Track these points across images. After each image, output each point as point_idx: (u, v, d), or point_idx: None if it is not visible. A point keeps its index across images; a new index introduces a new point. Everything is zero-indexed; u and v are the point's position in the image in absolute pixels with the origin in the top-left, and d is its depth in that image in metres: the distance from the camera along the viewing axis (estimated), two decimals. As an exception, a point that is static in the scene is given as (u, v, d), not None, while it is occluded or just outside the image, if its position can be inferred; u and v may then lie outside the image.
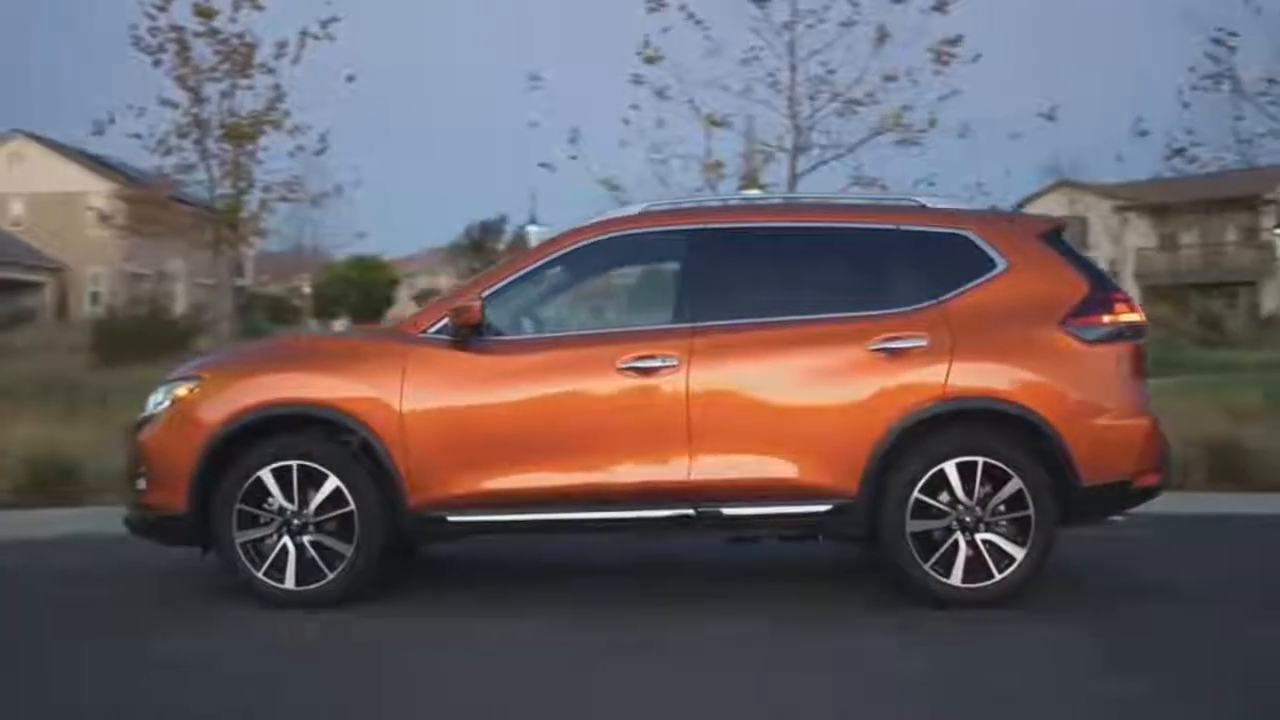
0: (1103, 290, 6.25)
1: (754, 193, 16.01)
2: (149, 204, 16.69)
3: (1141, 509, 6.31)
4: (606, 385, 6.01)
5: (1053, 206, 43.82)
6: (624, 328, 6.24)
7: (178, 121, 14.67)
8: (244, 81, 15.06)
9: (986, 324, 6.08)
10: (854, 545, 6.68)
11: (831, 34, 19.65)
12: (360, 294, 44.30)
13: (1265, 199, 37.52)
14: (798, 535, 6.30)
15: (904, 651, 5.37)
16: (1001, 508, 5.97)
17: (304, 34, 15.03)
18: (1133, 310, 6.24)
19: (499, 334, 6.12)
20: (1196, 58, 15.05)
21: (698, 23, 19.54)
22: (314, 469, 6.00)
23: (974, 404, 6.02)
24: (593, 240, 6.34)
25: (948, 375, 5.99)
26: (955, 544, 5.96)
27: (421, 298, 53.35)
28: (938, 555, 5.96)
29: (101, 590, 6.65)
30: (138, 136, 14.77)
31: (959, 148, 20.21)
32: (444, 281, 54.18)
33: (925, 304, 6.11)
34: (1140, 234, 53.15)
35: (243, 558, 6.01)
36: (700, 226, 6.34)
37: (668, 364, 5.98)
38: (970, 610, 5.86)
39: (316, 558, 5.99)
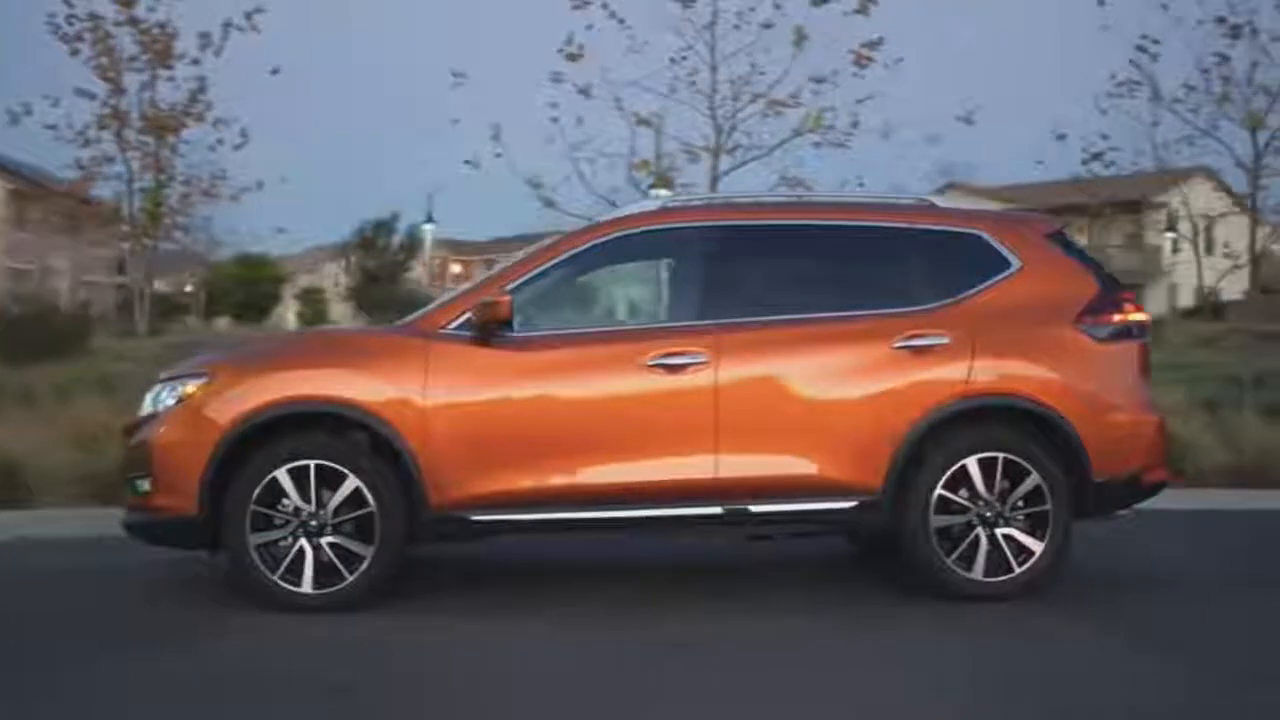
0: (1112, 289, 6.40)
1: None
2: (66, 199, 16.08)
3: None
4: (633, 382, 5.95)
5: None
6: (648, 324, 6.17)
7: (97, 113, 14.17)
8: (164, 72, 14.63)
9: (1004, 322, 6.17)
10: (850, 541, 6.73)
11: (752, 35, 19.87)
12: (246, 292, 43.26)
13: (1153, 202, 38.79)
14: (819, 532, 6.32)
15: (941, 646, 5.42)
16: (1020, 503, 6.06)
17: (227, 25, 14.67)
18: (1138, 310, 6.40)
19: (520, 330, 6.01)
20: (1117, 66, 15.51)
21: (620, 22, 19.59)
22: (332, 468, 5.82)
23: (995, 401, 6.10)
24: (612, 236, 6.27)
25: (969, 372, 6.06)
26: (976, 539, 6.03)
27: (303, 296, 52.38)
28: (960, 550, 6.02)
29: (89, 594, 6.37)
30: (53, 128, 14.24)
31: (883, 149, 20.45)
32: (327, 280, 53.25)
33: (945, 302, 6.18)
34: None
35: (257, 561, 5.81)
36: (723, 223, 6.32)
37: (696, 361, 5.94)
38: (996, 603, 5.95)
39: (335, 560, 5.82)
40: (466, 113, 18.76)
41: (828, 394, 6.03)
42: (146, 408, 6.20)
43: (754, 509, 5.98)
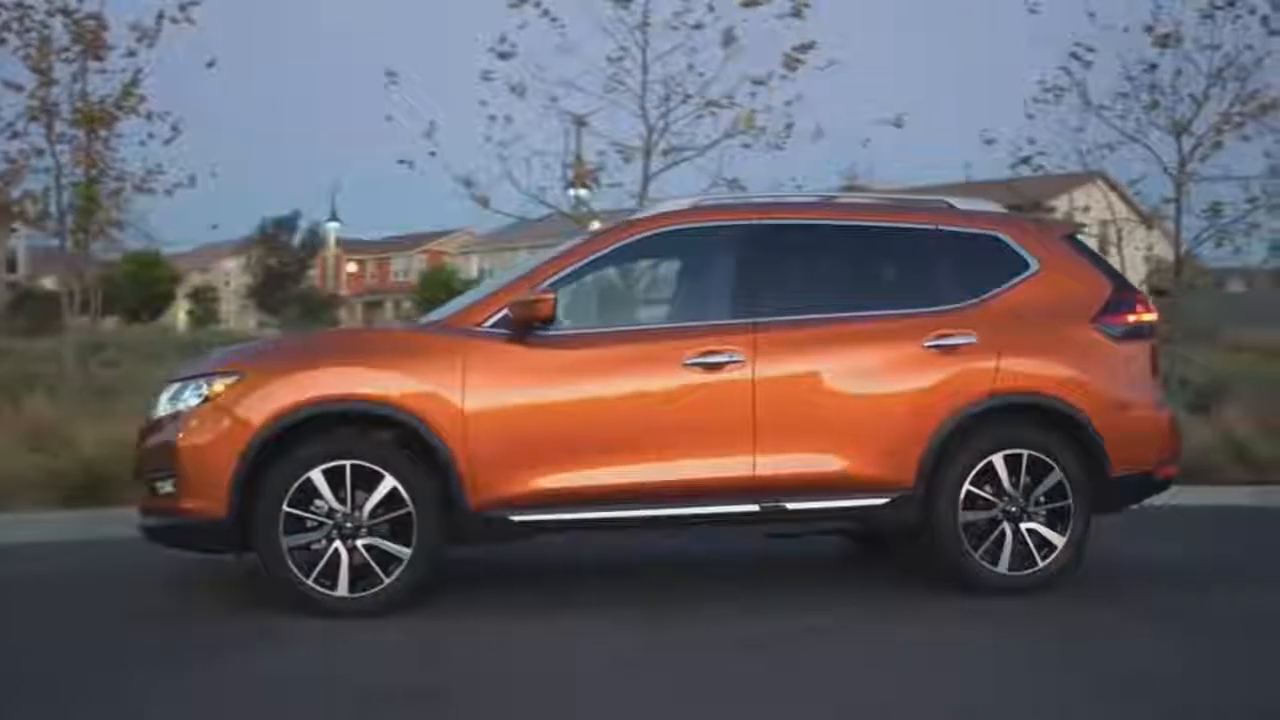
0: (1125, 290, 6.57)
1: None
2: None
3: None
4: (673, 381, 5.95)
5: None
6: (683, 322, 6.16)
7: (27, 104, 13.64)
8: (96, 64, 14.14)
9: (1026, 322, 6.30)
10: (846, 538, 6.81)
11: (682, 36, 19.86)
12: (141, 292, 42.07)
13: (1047, 205, 39.77)
14: (845, 530, 6.39)
15: (973, 639, 5.52)
16: (1042, 498, 6.19)
17: (161, 17, 14.23)
18: (1150, 310, 6.57)
19: (555, 328, 5.95)
20: (1049, 72, 15.84)
21: (553, 20, 19.47)
22: (368, 469, 5.71)
23: (1021, 399, 6.23)
24: (644, 235, 6.26)
25: (996, 371, 6.18)
26: (1002, 533, 6.15)
27: (196, 295, 51.16)
28: (986, 545, 6.13)
29: (116, 600, 6.21)
30: (-23, 120, 13.66)
31: (816, 151, 20.65)
32: (220, 279, 52.13)
33: (970, 302, 6.30)
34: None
35: (291, 565, 5.67)
36: (755, 222, 6.35)
37: (734, 359, 5.96)
38: (1021, 596, 6.08)
39: (372, 562, 5.70)
40: (398, 110, 18.40)
41: (862, 392, 6.11)
42: (162, 408, 6.01)
43: (790, 506, 6.02)
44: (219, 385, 5.78)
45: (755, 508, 5.98)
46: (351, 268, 54.99)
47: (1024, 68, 17.62)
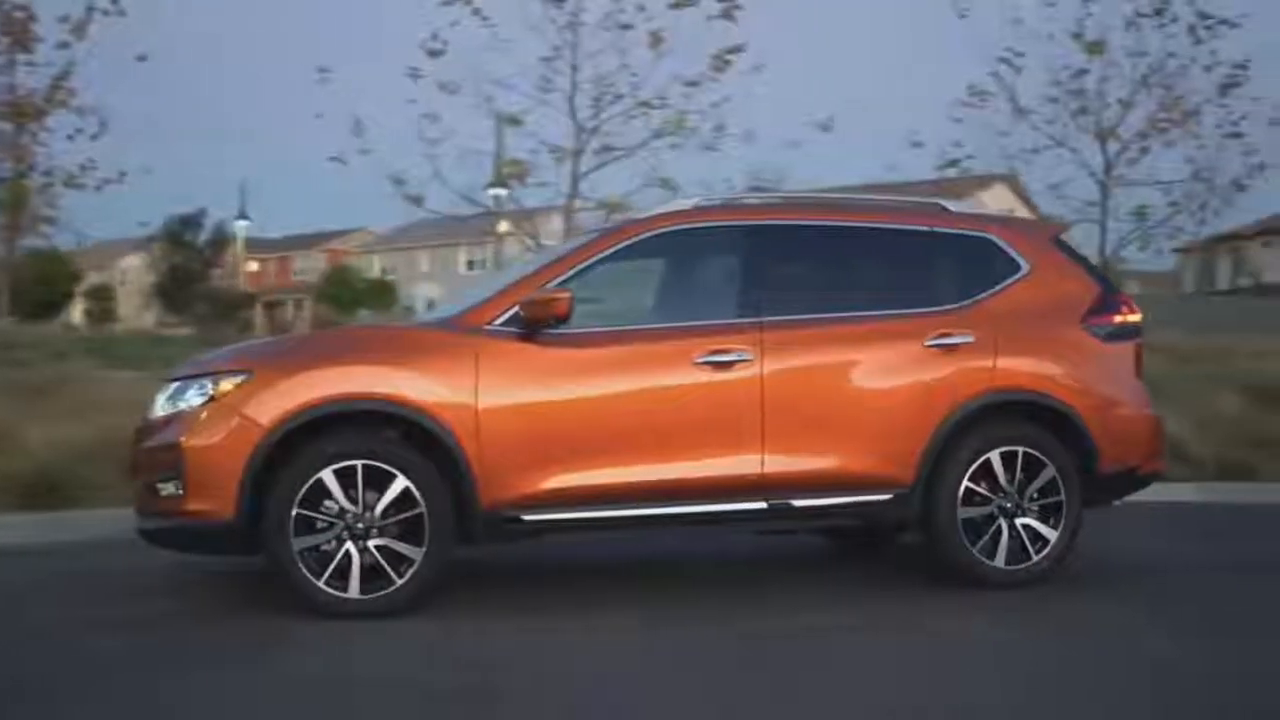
0: (1111, 291, 6.76)
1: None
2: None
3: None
4: (684, 380, 5.98)
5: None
6: (690, 322, 6.19)
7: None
8: (24, 56, 13.79)
9: (1020, 322, 6.45)
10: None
11: (613, 36, 19.87)
12: (39, 289, 40.81)
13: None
14: (852, 525, 6.49)
15: (984, 634, 5.64)
16: (1035, 494, 6.34)
17: (90, 9, 13.91)
18: (1134, 311, 6.76)
19: (565, 327, 5.93)
20: (977, 76, 16.18)
21: (484, 19, 19.35)
22: (380, 469, 5.64)
23: (1017, 397, 6.37)
24: (649, 234, 6.28)
25: (993, 370, 6.32)
26: (999, 529, 6.28)
27: (94, 294, 49.83)
28: (983, 540, 6.25)
29: (110, 603, 6.05)
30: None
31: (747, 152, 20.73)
32: (118, 276, 50.82)
33: (966, 302, 6.42)
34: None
35: (301, 566, 5.58)
36: (757, 222, 6.41)
37: (743, 358, 6.01)
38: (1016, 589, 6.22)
39: (384, 564, 5.64)
40: (329, 107, 18.16)
41: (865, 390, 6.20)
42: (161, 408, 5.88)
43: (796, 503, 6.09)
44: (227, 384, 5.67)
45: (763, 505, 6.04)
46: (252, 266, 54.08)
47: (953, 72, 17.98)
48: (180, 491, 5.63)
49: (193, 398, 5.74)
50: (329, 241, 66.62)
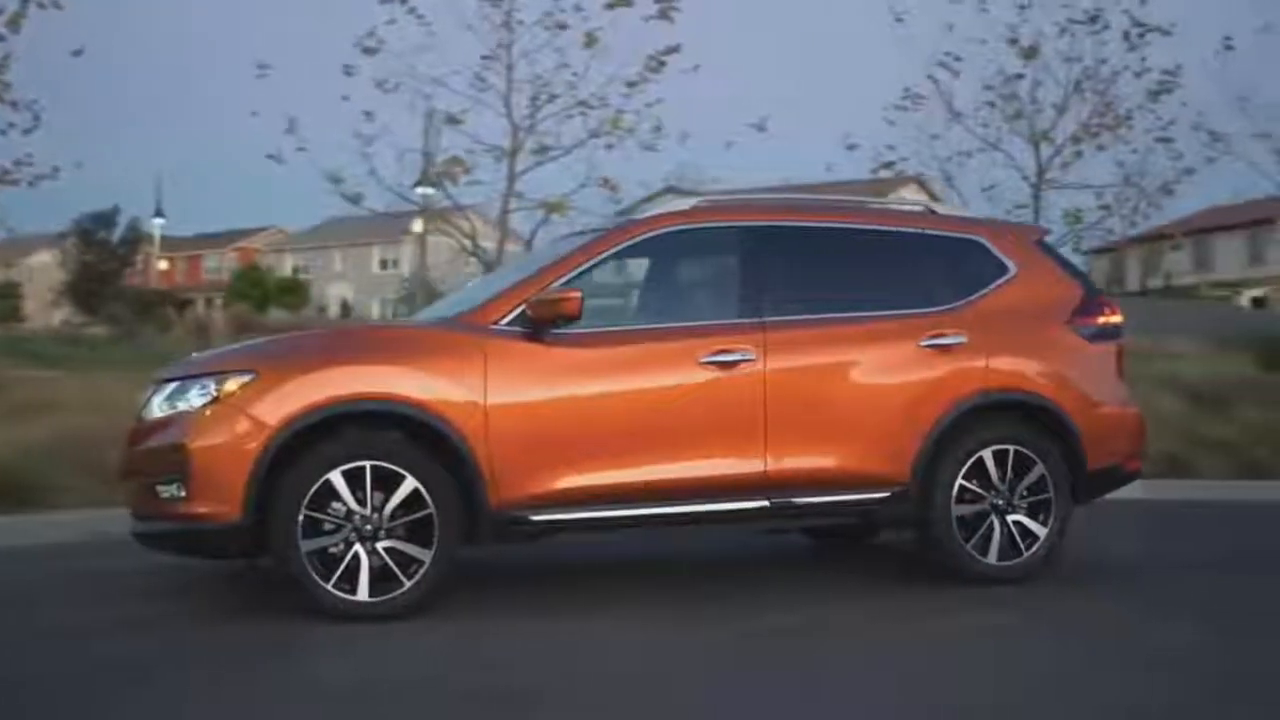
0: (1094, 293, 6.91)
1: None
2: None
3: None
4: (689, 379, 6.01)
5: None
6: (692, 322, 6.21)
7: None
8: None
9: (1011, 323, 6.57)
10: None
11: (548, 35, 19.83)
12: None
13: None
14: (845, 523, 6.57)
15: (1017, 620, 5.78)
16: (1025, 491, 6.46)
17: (25, 0, 13.53)
18: (1116, 312, 6.92)
19: (571, 327, 5.92)
20: (913, 79, 16.42)
21: (419, 17, 19.20)
22: (389, 470, 5.59)
23: (1009, 396, 6.50)
24: (649, 235, 6.28)
25: (985, 370, 6.43)
26: (990, 525, 6.39)
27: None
28: (976, 536, 6.36)
29: (105, 606, 5.94)
30: None
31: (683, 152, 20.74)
32: (26, 273, 49.47)
33: (958, 303, 6.53)
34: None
35: (310, 569, 5.50)
36: (755, 223, 6.46)
37: (746, 358, 6.05)
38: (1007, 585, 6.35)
39: (393, 565, 5.58)
40: (264, 104, 17.89)
41: (864, 390, 6.28)
42: (158, 409, 5.76)
43: (798, 501, 6.15)
44: (232, 384, 5.57)
45: (766, 503, 6.09)
46: (162, 265, 53.00)
47: (892, 75, 18.23)
48: (184, 493, 5.53)
49: (194, 398, 5.63)
50: (239, 240, 65.60)
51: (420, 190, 22.62)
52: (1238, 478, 11.41)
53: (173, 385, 5.78)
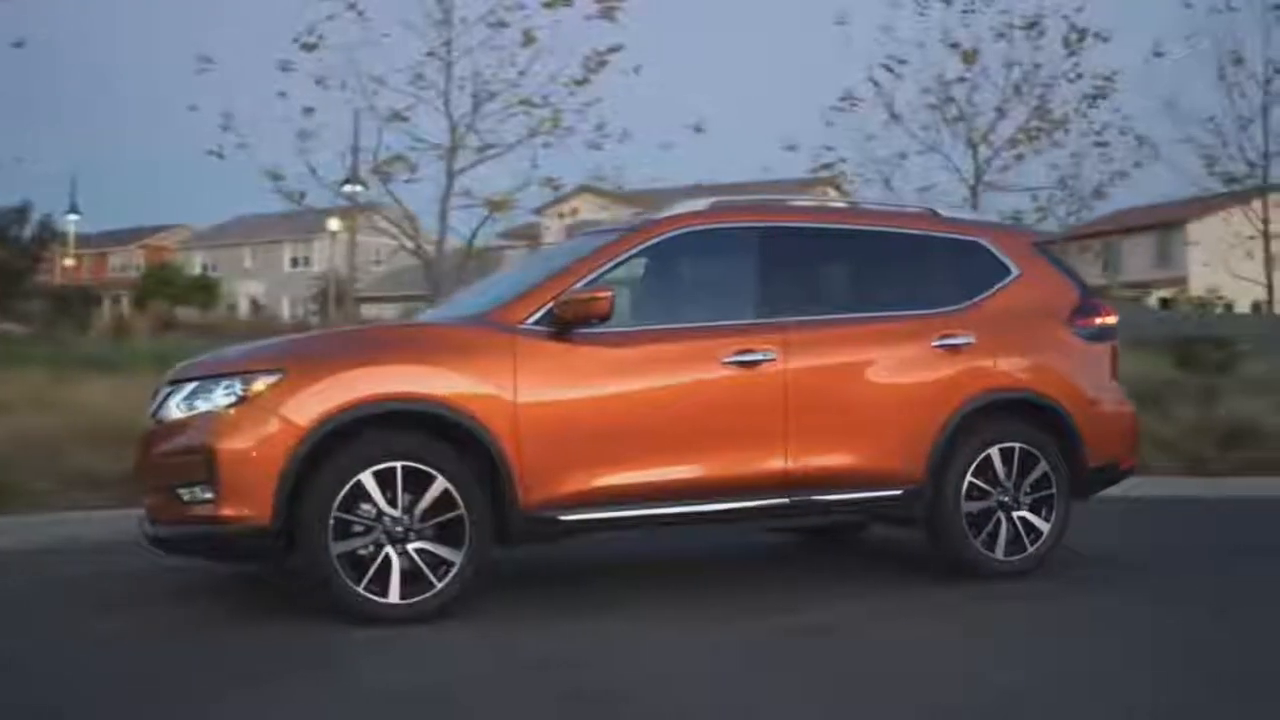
0: (1091, 295, 7.08)
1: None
2: None
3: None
4: (713, 379, 6.05)
5: (582, 209, 45.80)
6: (713, 321, 6.24)
7: None
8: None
9: (1015, 324, 6.72)
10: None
11: (488, 34, 19.74)
12: None
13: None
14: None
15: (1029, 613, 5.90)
16: (1029, 488, 6.61)
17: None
18: (1112, 313, 7.10)
19: (596, 327, 5.91)
20: (855, 81, 16.69)
21: (359, 14, 18.98)
22: (419, 470, 5.54)
23: (1015, 395, 6.64)
24: (670, 234, 6.29)
25: (993, 369, 6.57)
26: (997, 521, 6.53)
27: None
28: (984, 532, 6.50)
29: (127, 610, 5.83)
30: None
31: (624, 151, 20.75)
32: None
33: (965, 305, 6.66)
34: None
35: (341, 572, 5.44)
36: (770, 224, 6.53)
37: (767, 358, 6.11)
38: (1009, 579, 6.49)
39: (424, 567, 5.54)
40: (202, 99, 17.62)
41: (880, 389, 6.38)
42: (177, 410, 5.64)
43: (816, 499, 6.22)
44: (260, 384, 5.48)
45: (786, 501, 6.16)
46: (69, 261, 51.68)
47: (834, 77, 18.46)
48: (210, 496, 5.42)
49: (219, 398, 5.53)
50: (149, 237, 64.29)
51: (348, 188, 22.41)
52: (1187, 475, 11.72)
53: (192, 385, 5.67)
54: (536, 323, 5.85)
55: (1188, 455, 12.18)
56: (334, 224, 51.88)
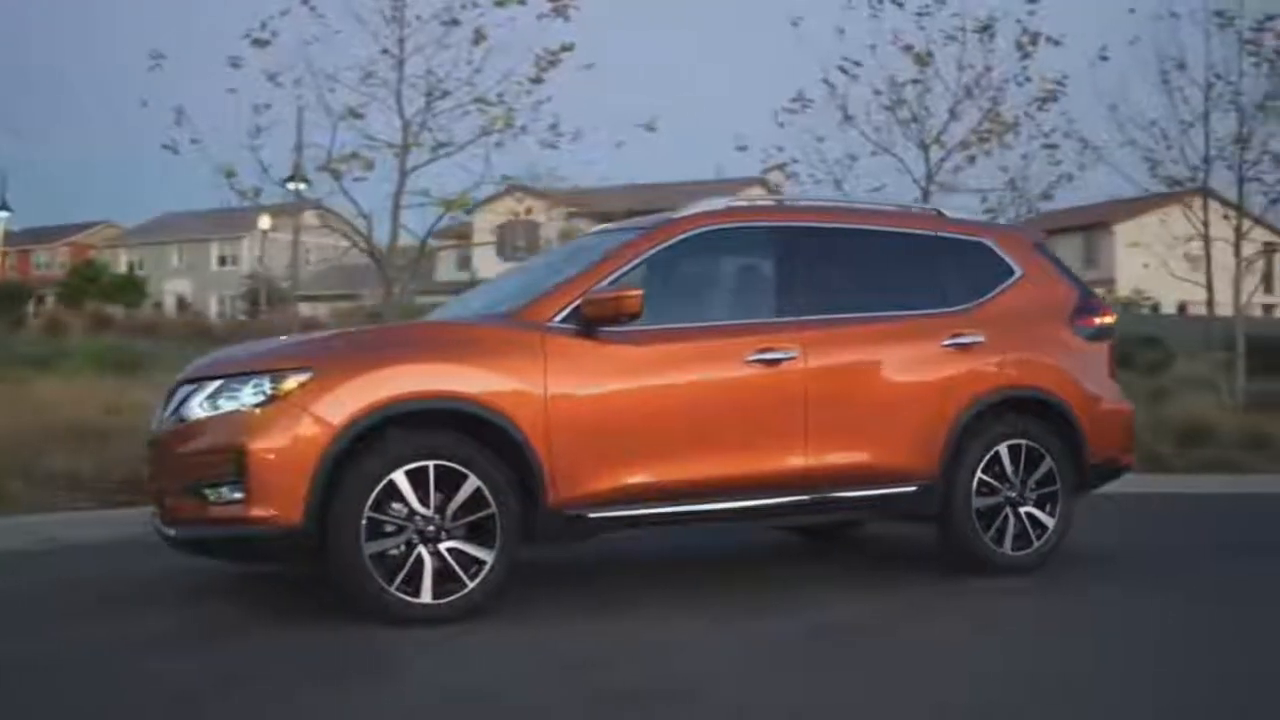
0: (1090, 295, 7.23)
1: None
2: None
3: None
4: (738, 377, 6.10)
5: (510, 208, 45.78)
6: (734, 320, 6.29)
7: None
8: None
9: (1021, 323, 6.85)
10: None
11: (439, 32, 19.60)
12: None
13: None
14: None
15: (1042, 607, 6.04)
16: (1034, 484, 6.74)
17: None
18: (1110, 313, 7.26)
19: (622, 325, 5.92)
20: (809, 82, 16.76)
21: (312, 9, 18.77)
22: (452, 469, 5.51)
23: (1023, 393, 6.76)
24: (690, 233, 6.31)
25: (1001, 368, 6.69)
26: (1005, 517, 6.65)
27: None
28: (993, 528, 6.61)
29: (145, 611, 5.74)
30: None
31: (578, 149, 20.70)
32: None
33: (973, 304, 6.77)
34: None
35: (374, 573, 5.40)
36: (790, 224, 6.61)
37: (789, 356, 6.17)
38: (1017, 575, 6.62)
39: (456, 567, 5.52)
40: (152, 94, 17.29)
41: (896, 387, 6.48)
42: (200, 409, 5.56)
43: (834, 496, 6.30)
44: (291, 383, 5.43)
45: (807, 498, 6.23)
46: (-12, 259, 50.60)
47: (789, 77, 18.56)
48: (240, 497, 5.35)
49: (247, 397, 5.46)
50: (74, 235, 63.12)
51: (291, 185, 22.16)
52: (1146, 473, 11.98)
53: (215, 384, 5.60)
54: (563, 321, 5.86)
55: (1146, 454, 12.45)
56: (265, 222, 51.39)
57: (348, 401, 5.42)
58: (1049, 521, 6.74)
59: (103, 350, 20.92)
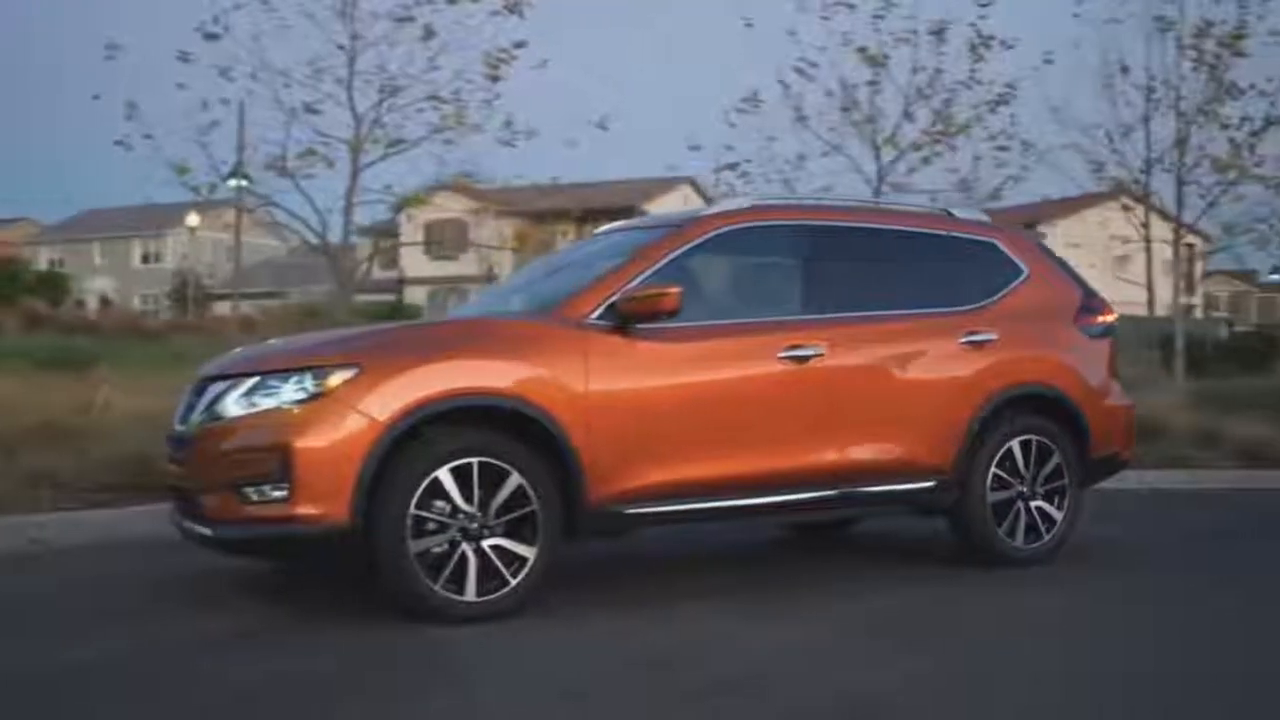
0: (1093, 294, 7.41)
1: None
2: None
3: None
4: (771, 373, 6.18)
5: (448, 206, 45.51)
6: (764, 317, 6.37)
7: None
8: None
9: (1030, 322, 7.02)
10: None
11: (390, 28, 19.43)
12: None
13: (639, 209, 41.82)
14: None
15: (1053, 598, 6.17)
16: (1044, 479, 6.91)
17: None
18: (1111, 312, 7.45)
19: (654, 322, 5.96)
20: (763, 83, 16.91)
21: (264, 3, 18.52)
22: (494, 466, 5.53)
23: (1034, 390, 6.93)
24: (717, 232, 6.37)
25: (1014, 365, 6.85)
26: (1017, 511, 6.81)
27: None
28: (1006, 522, 6.77)
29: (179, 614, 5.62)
30: None
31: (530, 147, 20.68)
32: None
33: (985, 303, 6.93)
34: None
35: (419, 571, 5.39)
36: (812, 223, 6.70)
37: (818, 353, 6.26)
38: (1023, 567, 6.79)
39: (499, 564, 5.53)
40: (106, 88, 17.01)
41: (918, 384, 6.61)
42: (236, 407, 5.50)
43: (859, 490, 6.41)
44: (336, 379, 5.41)
45: (835, 493, 6.33)
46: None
47: (742, 77, 18.67)
48: (284, 495, 5.32)
49: (288, 394, 5.42)
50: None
51: (233, 182, 21.86)
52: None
53: (251, 381, 5.55)
54: (599, 318, 5.90)
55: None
56: (193, 219, 50.60)
57: (394, 398, 5.40)
58: (1057, 515, 6.92)
59: (54, 349, 20.52)
